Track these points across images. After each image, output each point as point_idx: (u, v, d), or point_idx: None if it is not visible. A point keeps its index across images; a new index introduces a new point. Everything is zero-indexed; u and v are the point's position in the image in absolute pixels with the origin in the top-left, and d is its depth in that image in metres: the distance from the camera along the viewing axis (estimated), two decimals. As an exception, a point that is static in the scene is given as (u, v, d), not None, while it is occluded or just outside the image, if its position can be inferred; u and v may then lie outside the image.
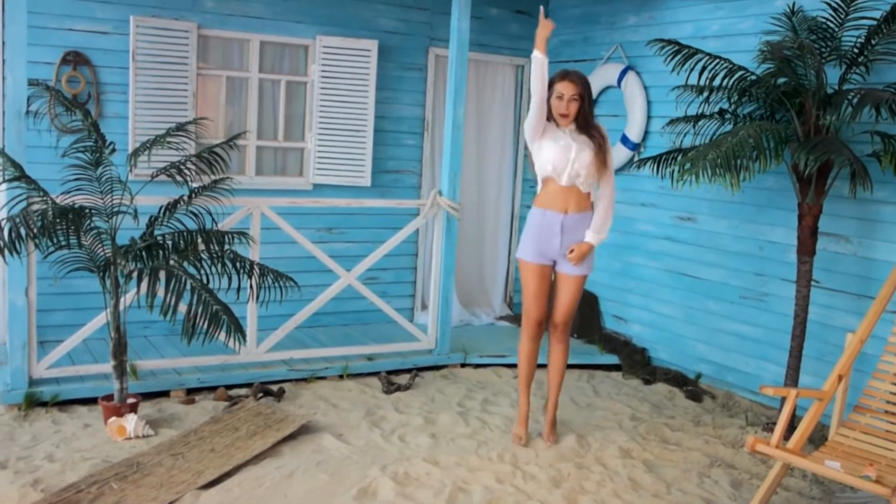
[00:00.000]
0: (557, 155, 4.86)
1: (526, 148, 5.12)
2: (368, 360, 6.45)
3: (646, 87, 6.97)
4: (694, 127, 5.73)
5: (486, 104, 8.03)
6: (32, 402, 5.29)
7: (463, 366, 6.72)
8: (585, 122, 4.89)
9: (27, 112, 5.24)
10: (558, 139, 4.89)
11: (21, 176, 4.90)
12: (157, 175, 5.31)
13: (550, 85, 4.89)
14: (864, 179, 4.86)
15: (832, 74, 5.24)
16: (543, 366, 5.30)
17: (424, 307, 7.70)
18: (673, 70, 5.56)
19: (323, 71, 7.10)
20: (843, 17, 5.26)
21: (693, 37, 6.41)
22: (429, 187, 7.59)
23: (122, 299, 5.12)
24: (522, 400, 5.23)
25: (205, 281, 4.95)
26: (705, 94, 5.56)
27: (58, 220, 4.73)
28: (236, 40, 6.92)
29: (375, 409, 5.65)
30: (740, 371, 6.24)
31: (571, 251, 4.95)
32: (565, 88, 4.84)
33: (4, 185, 4.96)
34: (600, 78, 7.35)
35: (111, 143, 5.16)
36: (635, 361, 6.88)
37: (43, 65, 6.14)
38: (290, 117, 7.22)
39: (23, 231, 4.66)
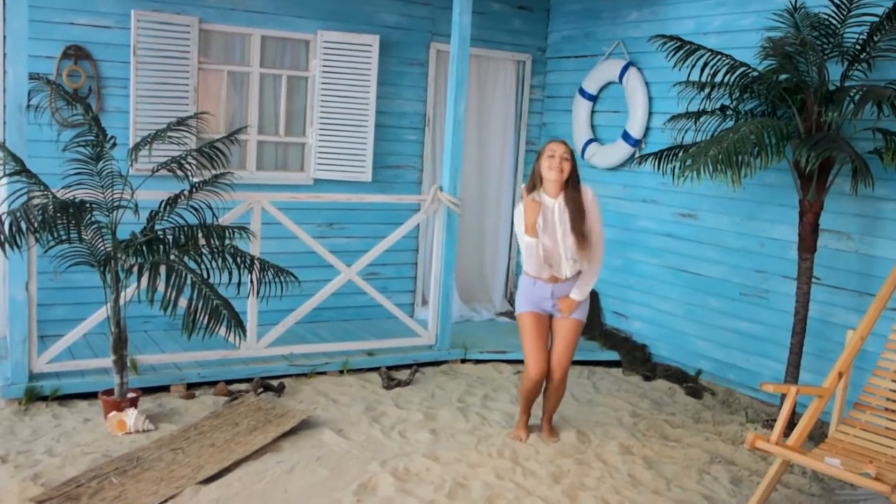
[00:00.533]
0: (550, 249, 4.87)
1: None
2: (369, 355, 6.45)
3: (647, 84, 6.96)
4: (695, 123, 5.72)
5: (487, 99, 8.02)
6: (33, 397, 5.29)
7: (463, 361, 6.73)
8: (574, 188, 4.88)
9: (28, 106, 5.23)
10: (547, 227, 4.86)
11: (22, 170, 4.90)
12: (157, 170, 5.31)
13: (542, 149, 4.96)
14: (865, 176, 4.85)
15: (834, 71, 5.23)
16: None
17: (425, 302, 7.70)
18: (674, 66, 5.56)
19: (324, 66, 7.09)
20: (845, 13, 5.25)
21: (695, 33, 6.40)
22: (429, 183, 7.58)
23: (122, 294, 5.12)
24: (521, 417, 5.27)
25: (205, 276, 4.95)
26: (707, 90, 5.55)
27: (58, 215, 4.73)
28: (237, 35, 6.91)
29: (375, 404, 5.65)
30: (741, 368, 6.23)
31: (561, 308, 5.00)
32: (556, 147, 4.88)
33: (5, 179, 4.96)
34: (602, 74, 7.35)
35: (112, 137, 5.16)
36: (636, 358, 6.88)
37: (44, 59, 6.13)
38: (291, 112, 7.21)
39: (23, 225, 4.66)
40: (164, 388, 5.70)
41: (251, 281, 5.18)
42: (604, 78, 7.35)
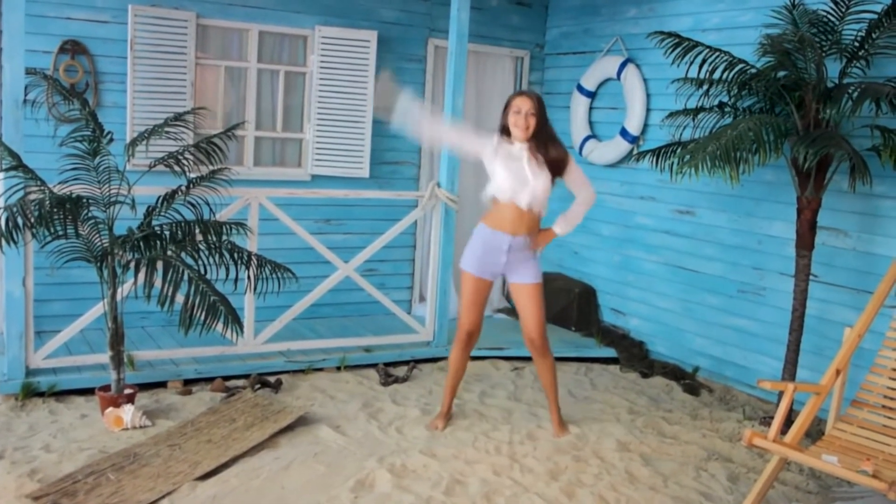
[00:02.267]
0: (515, 180, 4.82)
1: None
2: (366, 351, 6.45)
3: (645, 80, 6.96)
4: (693, 120, 5.71)
5: (485, 95, 8.01)
6: (29, 393, 5.28)
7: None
8: (543, 141, 4.85)
9: (25, 101, 5.21)
10: (513, 162, 4.84)
11: (18, 165, 4.88)
12: (154, 165, 5.30)
13: (506, 105, 4.91)
14: (863, 174, 4.85)
15: (832, 68, 5.22)
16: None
17: (422, 299, 7.69)
18: (673, 63, 5.55)
19: (322, 61, 7.08)
20: (843, 10, 5.24)
21: (693, 29, 6.39)
22: (427, 179, 7.58)
23: (119, 289, 5.11)
24: (445, 400, 5.29)
25: (202, 271, 4.94)
26: (705, 87, 5.55)
27: (55, 210, 4.72)
28: (235, 30, 6.90)
29: (373, 400, 5.65)
30: (738, 365, 6.24)
31: (537, 242, 4.99)
32: (522, 103, 4.82)
33: (2, 175, 4.96)
34: (600, 70, 7.34)
35: (109, 132, 5.14)
36: (633, 355, 6.88)
37: (41, 53, 6.11)
38: (289, 108, 7.20)
39: (20, 221, 4.66)
40: (161, 384, 5.69)
41: (248, 277, 5.18)
42: (602, 74, 7.34)
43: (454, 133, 5.17)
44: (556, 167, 4.89)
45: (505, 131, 4.92)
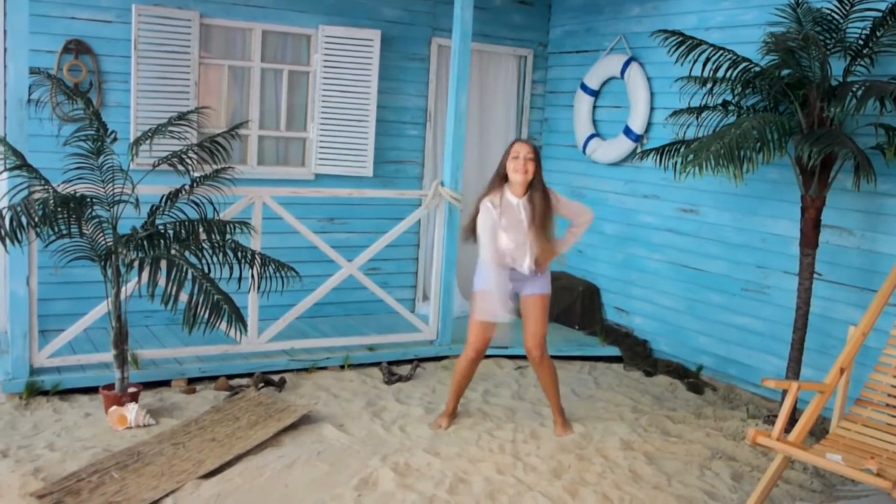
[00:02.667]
0: (516, 247, 4.92)
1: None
2: (370, 350, 6.45)
3: (649, 79, 6.95)
4: (697, 118, 5.71)
5: (488, 94, 8.01)
6: (33, 391, 5.29)
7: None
8: (538, 189, 4.94)
9: (29, 101, 5.22)
10: (513, 224, 4.91)
11: (22, 164, 4.89)
12: (158, 164, 5.30)
13: (506, 150, 5.02)
14: (867, 172, 4.84)
15: (836, 66, 5.21)
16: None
17: (426, 298, 7.70)
18: (676, 61, 5.55)
19: (325, 61, 7.08)
20: (847, 8, 5.24)
21: (697, 28, 6.39)
22: (431, 178, 7.57)
23: (123, 288, 5.12)
24: (450, 402, 5.32)
25: (206, 270, 4.95)
26: (709, 85, 5.55)
27: (59, 209, 4.73)
28: (239, 29, 6.90)
29: (376, 399, 5.65)
30: (742, 363, 6.23)
31: (539, 262, 5.01)
32: (521, 147, 4.94)
33: (6, 174, 4.96)
34: (603, 69, 7.34)
35: (113, 131, 5.15)
36: (637, 353, 6.87)
37: (45, 53, 6.12)
38: (293, 107, 7.21)
39: (24, 220, 4.66)
40: (165, 383, 5.70)
41: (252, 276, 5.18)
42: (605, 73, 7.33)
43: (491, 248, 4.98)
44: (543, 211, 4.95)
45: (502, 178, 5.00)
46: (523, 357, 6.54)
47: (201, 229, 5.18)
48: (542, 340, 5.11)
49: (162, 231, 5.13)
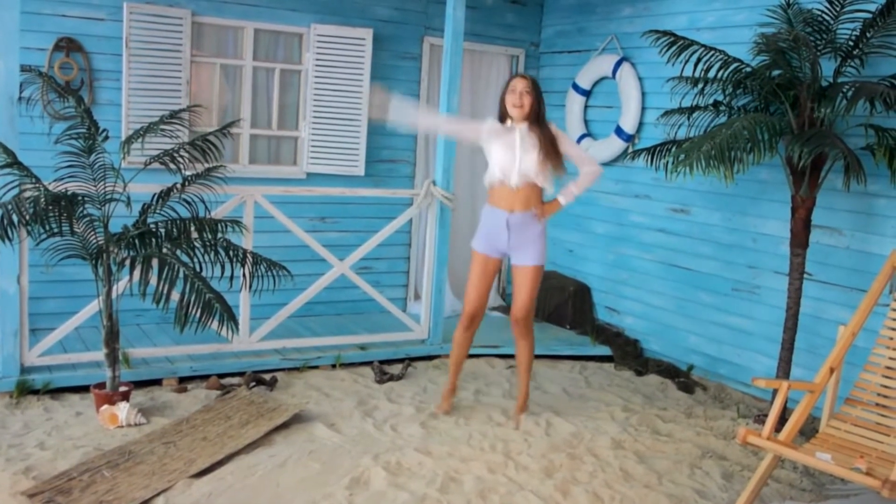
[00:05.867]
0: (504, 158, 5.02)
1: None
2: (361, 349, 6.45)
3: (640, 79, 6.97)
4: (688, 119, 5.73)
5: (480, 94, 8.01)
6: (24, 390, 5.27)
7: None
8: (538, 120, 5.01)
9: (19, 98, 5.20)
10: (505, 140, 5.01)
11: (13, 162, 4.88)
12: (150, 163, 5.29)
13: (503, 87, 5.09)
14: (857, 172, 4.86)
15: (827, 67, 5.24)
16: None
17: (417, 297, 7.70)
18: (668, 61, 5.56)
19: (317, 59, 7.08)
20: (838, 9, 5.26)
21: (688, 28, 6.40)
22: (423, 177, 7.58)
23: (114, 287, 5.11)
24: (450, 380, 5.46)
25: (198, 269, 4.94)
26: (700, 85, 5.56)
27: (50, 207, 4.71)
28: (230, 28, 6.89)
29: (368, 398, 5.65)
30: (732, 363, 6.25)
31: (539, 214, 5.11)
32: (517, 83, 5.01)
33: (-3, 172, 4.94)
34: (595, 69, 7.35)
35: (104, 130, 5.14)
36: (627, 353, 6.89)
37: (35, 51, 6.10)
38: (284, 106, 7.20)
39: (15, 218, 4.64)
40: (157, 382, 5.69)
41: (243, 275, 5.17)
42: (597, 73, 7.35)
43: (450, 121, 5.30)
44: (552, 144, 5.01)
45: (503, 117, 5.08)
46: (514, 356, 6.56)
47: (193, 228, 5.17)
48: (531, 311, 5.24)
49: (153, 229, 5.12)
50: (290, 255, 6.02)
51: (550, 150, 4.98)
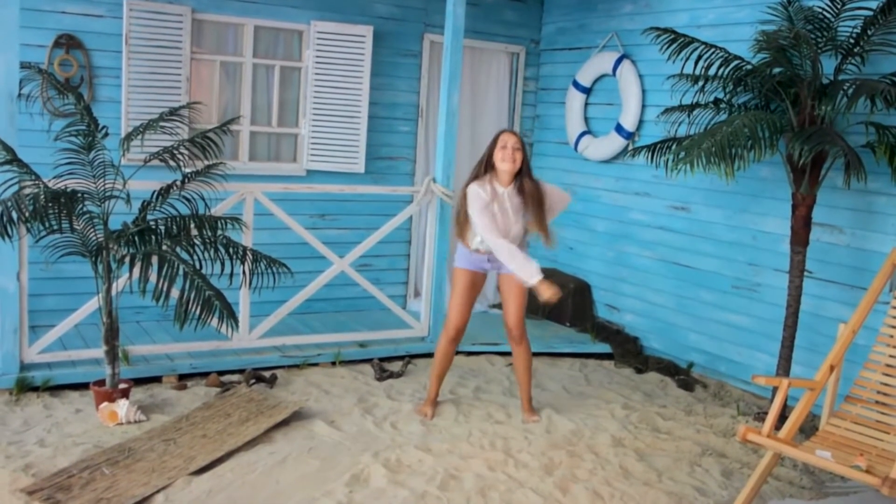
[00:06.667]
0: (505, 233, 5.00)
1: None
2: (361, 346, 6.45)
3: (641, 76, 6.96)
4: (689, 116, 5.72)
5: (480, 91, 8.00)
6: (24, 387, 5.27)
7: (455, 353, 6.70)
8: (525, 179, 5.06)
9: (19, 95, 5.20)
10: (501, 210, 5.02)
11: (13, 159, 4.87)
12: (149, 160, 5.29)
13: (493, 141, 5.10)
14: (858, 170, 4.85)
15: (828, 65, 5.23)
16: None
17: (417, 294, 7.70)
18: (668, 59, 5.55)
19: (317, 56, 7.07)
20: (839, 7, 5.25)
21: (689, 26, 6.39)
22: (423, 174, 7.57)
23: (114, 284, 5.10)
24: (432, 387, 5.44)
25: (197, 266, 4.94)
26: (700, 83, 5.55)
27: (50, 205, 4.71)
28: (231, 25, 6.89)
29: (368, 395, 5.65)
30: (732, 361, 6.25)
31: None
32: (508, 138, 5.06)
33: (-4, 169, 4.94)
34: (595, 66, 7.34)
35: (104, 127, 5.13)
36: (627, 350, 6.89)
37: (35, 48, 6.09)
38: (284, 103, 7.19)
39: (14, 215, 4.64)
40: (156, 379, 5.69)
41: (243, 272, 5.17)
42: (598, 70, 7.34)
43: (494, 227, 5.02)
44: (538, 200, 5.08)
45: (486, 168, 5.08)
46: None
47: (192, 225, 5.17)
48: (522, 320, 5.28)
49: (153, 227, 5.12)
50: (290, 253, 6.02)
51: (537, 211, 5.07)
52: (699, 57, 5.44)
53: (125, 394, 5.12)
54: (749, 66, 5.36)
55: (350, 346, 6.41)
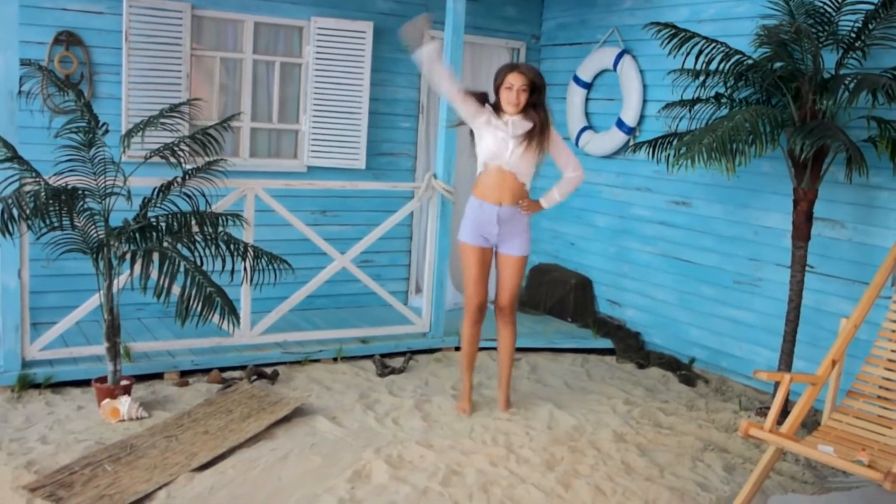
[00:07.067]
0: (497, 147, 5.03)
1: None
2: (362, 342, 6.45)
3: (642, 71, 6.95)
4: (690, 111, 5.71)
5: (480, 87, 7.95)
6: (25, 384, 5.27)
7: (457, 349, 6.68)
8: (534, 108, 5.01)
9: (19, 92, 5.19)
10: (498, 132, 5.02)
11: (13, 157, 4.87)
12: (150, 156, 5.29)
13: (499, 77, 5.05)
14: (859, 165, 4.85)
15: (829, 59, 5.22)
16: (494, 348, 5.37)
17: (419, 290, 7.69)
18: (669, 54, 5.54)
19: (318, 52, 7.06)
20: (840, 1, 5.23)
21: (689, 20, 6.39)
22: (423, 170, 7.57)
23: (115, 281, 5.10)
24: (465, 380, 5.41)
25: (198, 263, 4.93)
26: (701, 78, 5.54)
27: (50, 202, 4.71)
28: (230, 21, 6.88)
29: (369, 391, 5.65)
30: (734, 356, 6.25)
31: (524, 207, 5.12)
32: (515, 79, 4.99)
33: (-3, 166, 4.93)
34: (596, 61, 7.33)
35: (104, 123, 5.13)
36: (629, 346, 6.89)
37: (35, 45, 6.09)
38: (285, 99, 7.19)
39: (15, 212, 4.64)
40: (158, 376, 5.69)
41: (244, 268, 5.17)
42: (598, 65, 7.33)
43: (453, 83, 5.17)
44: (539, 143, 5.03)
45: (497, 106, 5.08)
46: (516, 349, 6.56)
47: (193, 221, 5.17)
48: (515, 299, 5.29)
49: (154, 223, 5.12)
50: (291, 249, 6.02)
51: (536, 147, 5.01)
52: (700, 52, 5.44)
53: (127, 390, 5.12)
54: (750, 61, 5.35)
55: (351, 343, 6.41)
